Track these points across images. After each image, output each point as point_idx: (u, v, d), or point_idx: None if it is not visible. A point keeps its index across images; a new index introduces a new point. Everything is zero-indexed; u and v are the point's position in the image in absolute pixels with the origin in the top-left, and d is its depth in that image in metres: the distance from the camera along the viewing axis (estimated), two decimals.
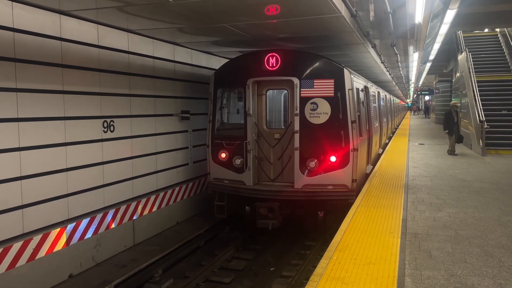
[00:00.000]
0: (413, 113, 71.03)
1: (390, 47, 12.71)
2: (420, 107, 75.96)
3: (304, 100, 8.62)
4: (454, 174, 11.19)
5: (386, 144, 19.49)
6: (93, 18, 7.37)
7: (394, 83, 27.52)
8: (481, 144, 15.39)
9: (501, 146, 15.94)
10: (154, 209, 9.37)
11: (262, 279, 7.56)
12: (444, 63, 30.55)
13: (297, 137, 8.63)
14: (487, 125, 15.35)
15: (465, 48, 21.79)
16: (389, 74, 21.28)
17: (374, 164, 12.62)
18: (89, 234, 7.54)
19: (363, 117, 10.13)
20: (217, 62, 12.14)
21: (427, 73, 36.59)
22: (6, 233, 6.14)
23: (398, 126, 34.73)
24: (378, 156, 14.73)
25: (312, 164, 8.56)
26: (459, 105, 18.71)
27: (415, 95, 70.62)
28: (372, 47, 11.29)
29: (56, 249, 6.86)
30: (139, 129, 8.94)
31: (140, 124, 8.97)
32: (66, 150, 7.11)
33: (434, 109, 42.15)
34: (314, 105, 8.58)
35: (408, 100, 77.91)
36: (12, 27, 6.13)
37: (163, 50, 9.77)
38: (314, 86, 8.58)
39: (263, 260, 8.37)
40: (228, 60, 10.90)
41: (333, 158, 8.50)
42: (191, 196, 10.89)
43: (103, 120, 7.92)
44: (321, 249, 8.17)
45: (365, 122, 10.53)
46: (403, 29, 11.59)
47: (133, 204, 8.70)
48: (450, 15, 12.05)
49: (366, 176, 10.58)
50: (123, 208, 8.40)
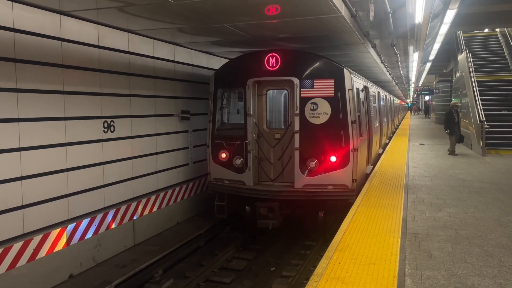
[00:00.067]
0: (414, 113, 71.03)
1: (390, 47, 12.71)
2: (420, 107, 75.94)
3: (304, 100, 8.62)
4: (454, 174, 11.19)
5: (386, 144, 19.49)
6: (93, 18, 7.37)
7: (394, 83, 27.52)
8: (481, 144, 15.39)
9: (501, 146, 15.94)
10: (155, 209, 9.37)
11: (262, 279, 7.56)
12: (444, 63, 30.56)
13: (297, 137, 8.63)
14: (487, 125, 15.35)
15: (465, 48, 21.79)
16: (389, 74, 21.28)
17: (374, 164, 12.62)
18: (89, 234, 7.54)
19: (363, 117, 10.13)
20: (217, 62, 12.15)
21: (427, 73, 36.59)
22: (6, 233, 6.14)
23: (398, 126, 34.73)
24: (378, 156, 14.73)
25: (312, 164, 8.56)
26: (459, 105, 18.71)
27: (415, 95, 70.62)
28: (372, 47, 11.29)
29: (56, 249, 6.86)
30: (139, 129, 8.95)
31: (140, 124, 8.97)
32: (66, 150, 7.11)
33: (434, 109, 42.15)
34: (314, 105, 8.59)
35: (408, 100, 77.90)
36: (12, 27, 6.13)
37: (163, 50, 9.77)
38: (314, 86, 8.58)
39: (263, 260, 8.38)
40: (228, 60, 10.91)
41: (333, 158, 8.51)
42: (192, 196, 10.89)
43: (103, 120, 7.93)
44: (321, 249, 8.17)
45: (365, 122, 10.52)
46: (403, 29, 11.59)
47: (134, 204, 8.71)
48: (450, 15, 12.06)
49: (366, 176, 10.58)
50: (123, 208, 8.41)
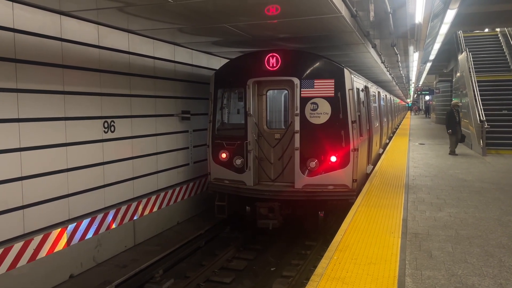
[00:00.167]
0: (414, 113, 71.03)
1: (390, 47, 12.71)
2: (421, 107, 75.96)
3: (304, 100, 8.62)
4: (454, 174, 11.19)
5: (387, 144, 19.48)
6: (93, 18, 7.37)
7: (394, 83, 27.52)
8: (481, 144, 15.38)
9: (502, 146, 15.93)
10: (155, 209, 9.37)
11: (263, 279, 7.56)
12: (444, 63, 30.58)
13: (297, 137, 8.63)
14: (487, 125, 15.34)
15: (466, 48, 21.80)
16: (389, 74, 21.28)
17: (374, 164, 12.62)
18: (89, 234, 7.55)
19: (363, 117, 10.13)
20: (217, 62, 12.15)
21: (428, 73, 36.63)
22: (6, 234, 6.15)
23: (398, 126, 34.73)
24: (379, 156, 14.73)
25: (313, 164, 8.56)
26: (460, 105, 18.70)
27: (416, 95, 70.62)
28: (372, 47, 11.29)
29: (56, 249, 6.86)
30: (139, 129, 8.95)
31: (140, 125, 8.98)
32: (66, 150, 7.11)
33: (434, 109, 42.16)
34: (314, 105, 8.59)
35: (408, 100, 77.90)
36: (12, 27, 6.13)
37: (163, 51, 9.78)
38: (315, 86, 8.58)
39: (263, 260, 8.38)
40: (228, 60, 10.91)
41: (333, 158, 8.50)
42: (192, 196, 10.89)
43: (103, 120, 7.93)
44: (321, 249, 8.16)
45: (365, 122, 10.52)
46: (403, 29, 11.59)
47: (134, 204, 8.71)
48: (450, 15, 12.07)
49: (367, 176, 10.58)
50: (123, 208, 8.41)
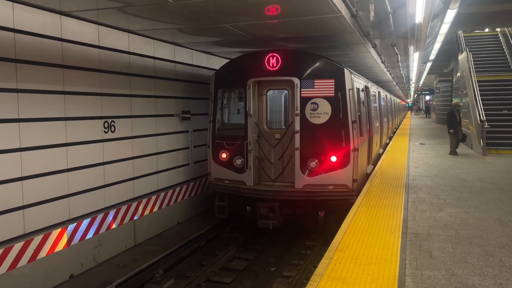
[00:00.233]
0: (414, 113, 71.02)
1: (391, 47, 12.71)
2: (421, 107, 75.97)
3: (304, 100, 8.62)
4: (454, 174, 11.18)
5: (387, 144, 19.48)
6: (93, 18, 7.37)
7: (394, 83, 27.52)
8: (481, 144, 15.38)
9: (502, 146, 15.93)
10: (155, 209, 9.37)
11: (263, 279, 7.56)
12: (444, 63, 30.59)
13: (297, 137, 8.63)
14: (487, 124, 15.34)
15: (466, 48, 21.80)
16: (390, 74, 21.28)
17: (374, 164, 12.62)
18: (90, 235, 7.55)
19: (363, 117, 10.13)
20: (217, 62, 12.15)
21: (428, 73, 36.65)
22: (7, 234, 6.15)
23: (398, 126, 34.72)
24: (379, 156, 14.73)
25: (313, 164, 8.56)
26: (461, 105, 18.69)
27: (416, 95, 70.63)
28: (372, 47, 11.29)
29: (57, 249, 6.86)
30: (140, 129, 8.95)
31: (141, 125, 8.98)
32: (67, 150, 7.12)
33: (434, 109, 42.16)
34: (314, 105, 8.58)
35: (408, 100, 77.89)
36: (12, 27, 6.14)
37: (163, 51, 9.78)
38: (315, 86, 8.58)
39: (263, 260, 8.38)
40: (228, 60, 10.91)
41: (333, 158, 8.50)
42: (192, 196, 10.89)
43: (104, 120, 7.93)
44: (321, 249, 8.16)
45: (365, 122, 10.52)
46: (404, 29, 11.60)
47: (134, 204, 8.71)
48: (450, 15, 12.08)
49: (367, 176, 10.58)
50: (124, 208, 8.41)
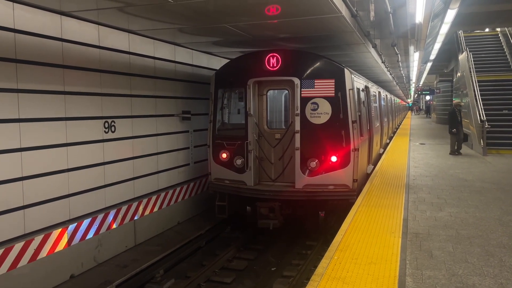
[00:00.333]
0: (414, 113, 71.02)
1: (391, 47, 12.71)
2: (421, 107, 75.97)
3: (304, 100, 8.62)
4: (455, 173, 11.18)
5: (387, 144, 19.48)
6: (93, 18, 7.38)
7: (394, 83, 27.52)
8: (482, 144, 15.37)
9: (502, 146, 15.91)
10: (155, 209, 9.37)
11: (263, 279, 7.56)
12: (445, 63, 30.58)
13: (298, 137, 8.63)
14: (488, 124, 15.33)
15: (466, 48, 21.79)
16: (390, 74, 21.28)
17: (375, 164, 12.62)
18: (90, 235, 7.55)
19: (364, 117, 10.13)
20: (217, 63, 12.15)
21: (428, 73, 36.65)
22: (7, 234, 6.15)
23: (399, 126, 34.72)
24: (379, 156, 14.73)
25: (313, 164, 8.56)
26: (462, 105, 18.68)
27: (416, 95, 70.59)
28: (372, 47, 11.29)
29: (57, 249, 6.86)
30: (140, 129, 8.95)
31: (141, 125, 8.98)
32: (67, 150, 7.12)
33: (435, 109, 42.15)
34: (314, 105, 8.59)
35: (409, 100, 77.88)
36: (13, 28, 6.14)
37: (164, 51, 9.78)
38: (315, 86, 8.58)
39: (264, 260, 8.38)
40: (228, 60, 10.91)
41: (334, 158, 8.50)
42: (192, 196, 10.89)
43: (104, 120, 7.93)
44: (322, 249, 8.16)
45: (366, 122, 10.52)
46: (404, 29, 11.61)
47: (135, 205, 8.71)
48: (450, 14, 12.08)
49: (367, 176, 10.58)
50: (124, 208, 8.41)
